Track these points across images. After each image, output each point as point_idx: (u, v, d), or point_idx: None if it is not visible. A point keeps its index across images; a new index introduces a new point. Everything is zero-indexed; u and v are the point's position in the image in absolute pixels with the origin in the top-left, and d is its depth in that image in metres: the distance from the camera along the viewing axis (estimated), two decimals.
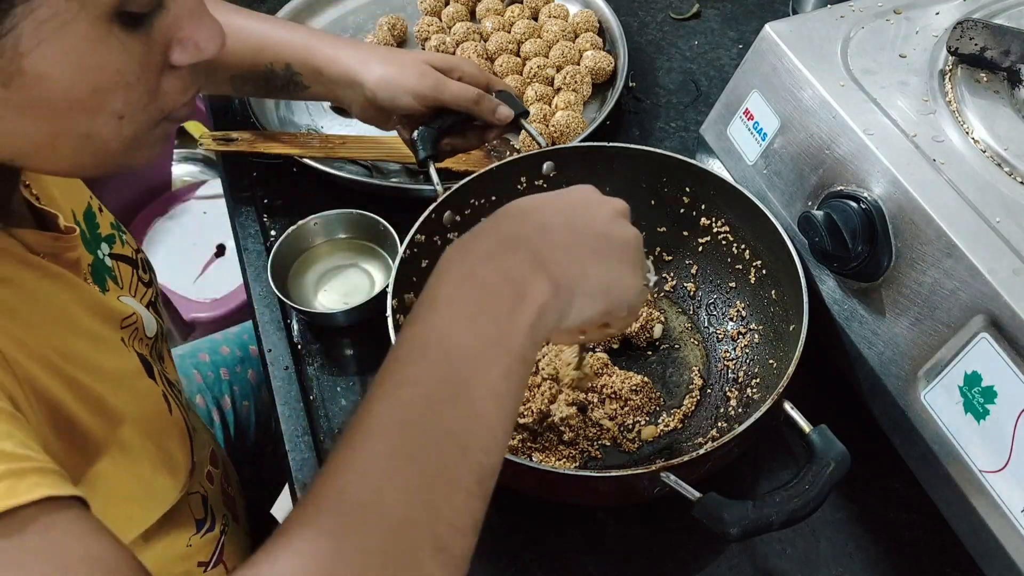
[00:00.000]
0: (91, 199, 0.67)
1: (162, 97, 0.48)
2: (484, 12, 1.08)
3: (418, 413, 0.40)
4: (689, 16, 1.11)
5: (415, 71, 0.76)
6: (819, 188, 0.67)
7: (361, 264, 0.84)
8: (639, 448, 0.70)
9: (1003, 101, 0.64)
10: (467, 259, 0.46)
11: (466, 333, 0.42)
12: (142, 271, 0.70)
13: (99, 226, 0.66)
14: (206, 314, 1.50)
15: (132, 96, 0.46)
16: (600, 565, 0.66)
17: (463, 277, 0.45)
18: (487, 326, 0.43)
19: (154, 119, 0.49)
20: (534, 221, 0.48)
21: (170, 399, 0.63)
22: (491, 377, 0.42)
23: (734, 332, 0.75)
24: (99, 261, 0.63)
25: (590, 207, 0.52)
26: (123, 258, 0.67)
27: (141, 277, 0.69)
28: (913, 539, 0.66)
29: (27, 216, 0.56)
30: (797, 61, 0.69)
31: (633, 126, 0.98)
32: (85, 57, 0.42)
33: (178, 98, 0.49)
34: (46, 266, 0.54)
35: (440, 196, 0.75)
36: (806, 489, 0.52)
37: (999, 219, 0.57)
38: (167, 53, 0.47)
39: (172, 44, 0.47)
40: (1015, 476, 0.54)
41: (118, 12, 0.42)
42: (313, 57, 0.78)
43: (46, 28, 0.40)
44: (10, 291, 0.49)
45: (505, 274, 0.45)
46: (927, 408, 0.59)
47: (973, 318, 0.55)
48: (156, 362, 0.65)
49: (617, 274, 0.50)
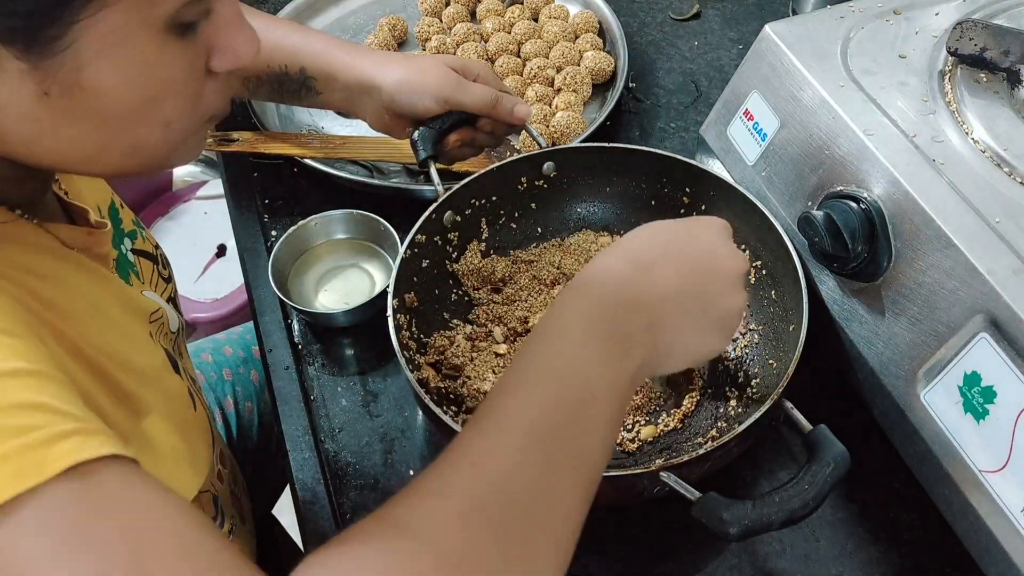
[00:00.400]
0: (114, 195, 0.67)
1: (204, 103, 0.49)
2: (484, 13, 1.08)
3: (548, 419, 0.45)
4: (689, 17, 1.11)
5: (436, 72, 0.76)
6: (819, 188, 0.67)
7: (361, 264, 0.84)
8: (639, 448, 0.70)
9: (1003, 101, 0.64)
10: (595, 306, 0.50)
11: (591, 368, 0.48)
12: (162, 267, 0.71)
13: (122, 221, 0.67)
14: (207, 314, 1.50)
15: (180, 103, 0.47)
16: (600, 565, 0.66)
17: (590, 320, 0.50)
18: (605, 368, 0.49)
19: (196, 124, 0.50)
20: (659, 288, 0.52)
21: (194, 395, 0.64)
22: (603, 408, 0.48)
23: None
24: (123, 256, 0.64)
25: (714, 274, 0.55)
26: (145, 254, 0.68)
27: (161, 273, 0.70)
28: (913, 539, 0.66)
29: (58, 211, 0.57)
30: (797, 61, 0.69)
31: (633, 126, 0.98)
32: (142, 68, 0.44)
33: (218, 102, 0.51)
34: (80, 259, 0.55)
35: (441, 196, 0.75)
36: (806, 489, 0.52)
37: (999, 219, 0.57)
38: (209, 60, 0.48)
39: (212, 51, 0.48)
40: (1015, 476, 0.54)
41: (173, 22, 0.44)
42: (329, 63, 0.78)
43: (107, 41, 0.41)
44: (47, 284, 0.50)
45: (622, 330, 0.50)
46: (927, 408, 0.59)
47: (973, 318, 0.55)
48: (179, 357, 0.65)
49: (711, 345, 0.56)
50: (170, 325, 0.66)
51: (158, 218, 1.66)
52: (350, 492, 0.70)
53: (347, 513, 0.69)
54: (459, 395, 0.72)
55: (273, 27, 0.80)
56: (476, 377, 0.72)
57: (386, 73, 0.76)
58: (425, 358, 0.72)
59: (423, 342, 0.73)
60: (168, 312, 0.66)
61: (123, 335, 0.57)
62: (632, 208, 0.81)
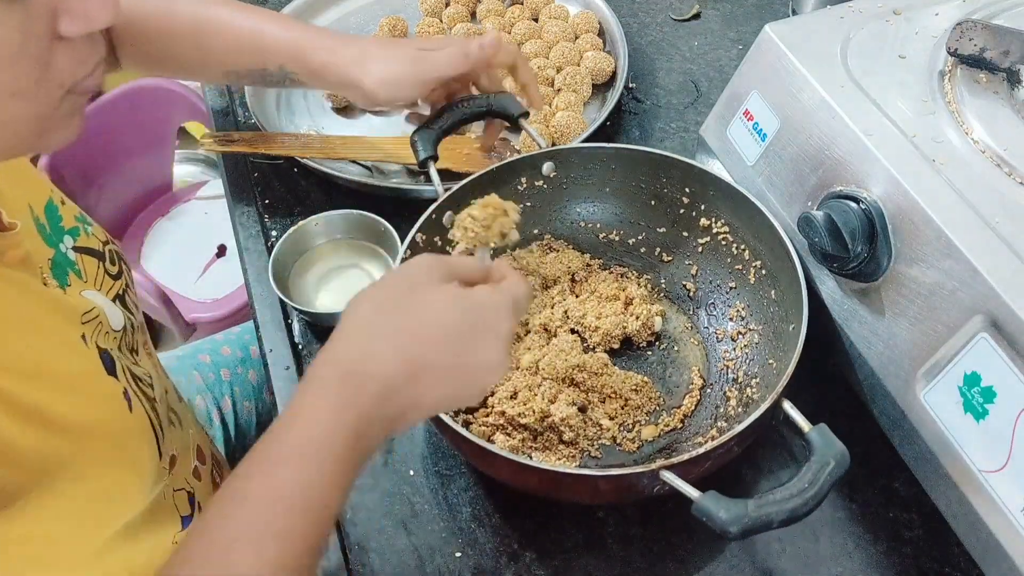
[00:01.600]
0: (52, 192, 0.65)
1: (57, 71, 0.46)
2: (485, 13, 1.08)
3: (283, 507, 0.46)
4: (689, 17, 1.11)
5: (408, 60, 0.75)
6: (819, 188, 0.67)
7: (361, 264, 0.84)
8: (639, 447, 0.70)
9: (1003, 102, 0.64)
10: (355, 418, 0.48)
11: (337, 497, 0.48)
12: (110, 263, 0.68)
13: (61, 218, 0.64)
14: (207, 314, 1.50)
15: (19, 71, 0.44)
16: (600, 565, 0.66)
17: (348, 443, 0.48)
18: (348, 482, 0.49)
19: (54, 96, 0.47)
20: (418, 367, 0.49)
21: (132, 396, 0.61)
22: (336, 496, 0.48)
23: (734, 332, 0.75)
24: (61, 255, 0.62)
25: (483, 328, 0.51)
26: (88, 251, 0.66)
27: (108, 270, 0.67)
28: (913, 539, 0.66)
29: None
30: (797, 62, 0.69)
31: (633, 127, 0.98)
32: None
33: (76, 70, 0.47)
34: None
35: (440, 197, 0.75)
36: (805, 488, 0.52)
37: (998, 220, 0.57)
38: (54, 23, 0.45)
39: (59, 14, 0.45)
40: (1015, 476, 0.54)
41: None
42: (308, 61, 0.77)
43: None
44: None
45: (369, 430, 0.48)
46: (926, 408, 0.59)
47: (972, 318, 0.55)
48: (125, 356, 0.63)
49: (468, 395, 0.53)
50: (111, 324, 0.63)
51: (158, 218, 1.66)
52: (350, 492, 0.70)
53: (347, 513, 0.69)
54: None
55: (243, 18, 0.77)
56: None
57: (366, 72, 0.75)
58: None
59: None
60: (107, 311, 0.63)
61: (43, 342, 0.54)
62: (632, 208, 0.81)
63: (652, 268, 0.81)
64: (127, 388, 0.61)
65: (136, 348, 0.68)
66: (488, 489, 0.70)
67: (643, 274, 0.81)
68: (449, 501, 0.69)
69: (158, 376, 0.70)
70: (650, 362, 0.77)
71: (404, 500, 0.69)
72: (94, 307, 0.61)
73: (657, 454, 0.70)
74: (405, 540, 0.67)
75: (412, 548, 0.67)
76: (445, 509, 0.69)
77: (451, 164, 0.91)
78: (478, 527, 0.68)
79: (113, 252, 0.70)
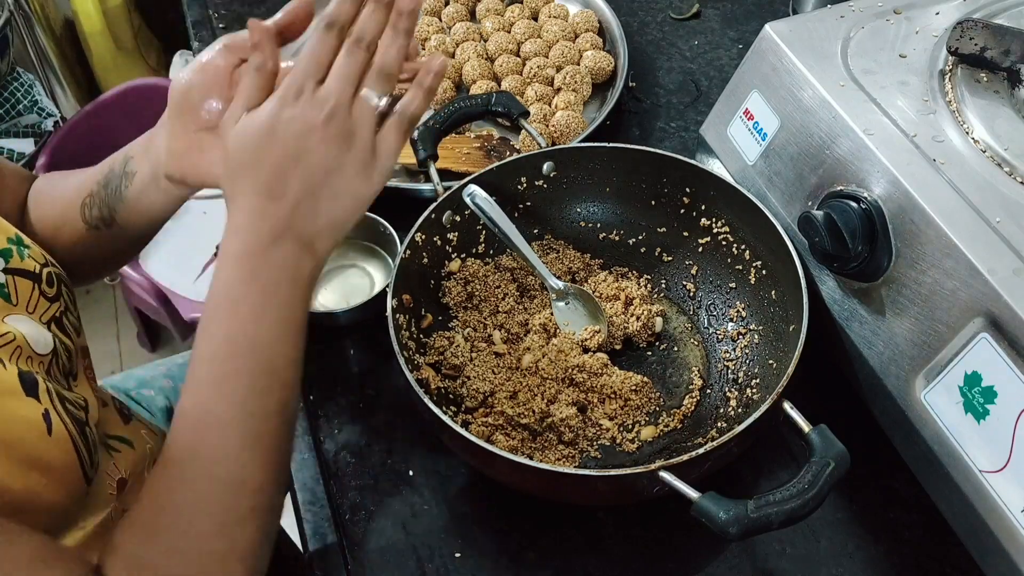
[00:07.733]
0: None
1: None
2: (484, 12, 1.08)
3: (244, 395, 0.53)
4: (689, 16, 1.11)
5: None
6: (819, 188, 0.67)
7: (361, 264, 0.84)
8: (639, 448, 0.70)
9: (1003, 101, 0.64)
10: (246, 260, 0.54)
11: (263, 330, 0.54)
12: (46, 285, 0.66)
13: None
14: None
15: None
16: (600, 565, 0.66)
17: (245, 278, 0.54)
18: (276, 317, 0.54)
19: None
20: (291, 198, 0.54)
21: (54, 418, 0.58)
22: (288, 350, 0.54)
23: (734, 332, 0.75)
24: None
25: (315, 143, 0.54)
26: (23, 272, 0.64)
27: (44, 292, 0.65)
28: (913, 539, 0.66)
29: None
30: (797, 61, 0.69)
31: (633, 126, 0.98)
32: None
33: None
34: None
35: (440, 196, 0.75)
36: (805, 489, 0.52)
37: (999, 219, 0.57)
38: None
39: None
40: (1015, 476, 0.54)
41: None
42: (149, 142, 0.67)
43: None
44: None
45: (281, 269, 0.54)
46: (927, 408, 0.59)
47: (973, 318, 0.55)
48: (53, 380, 0.61)
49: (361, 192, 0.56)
50: (33, 348, 0.61)
51: None
52: (350, 492, 0.70)
53: (346, 513, 0.69)
54: (459, 395, 0.72)
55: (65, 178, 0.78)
56: (476, 377, 0.72)
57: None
58: (425, 358, 0.72)
59: (423, 342, 0.73)
60: (30, 335, 0.61)
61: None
62: (632, 208, 0.81)
63: (652, 268, 0.81)
64: (48, 410, 0.58)
65: (74, 372, 0.66)
66: (488, 489, 0.70)
67: (643, 274, 0.81)
68: (449, 501, 0.69)
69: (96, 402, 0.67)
70: (650, 362, 0.77)
71: (404, 500, 0.69)
72: (9, 331, 0.59)
73: (657, 455, 0.70)
74: (405, 540, 0.67)
75: (412, 548, 0.67)
76: (445, 509, 0.69)
77: (451, 163, 0.91)
78: (478, 527, 0.68)
79: (52, 274, 0.67)
